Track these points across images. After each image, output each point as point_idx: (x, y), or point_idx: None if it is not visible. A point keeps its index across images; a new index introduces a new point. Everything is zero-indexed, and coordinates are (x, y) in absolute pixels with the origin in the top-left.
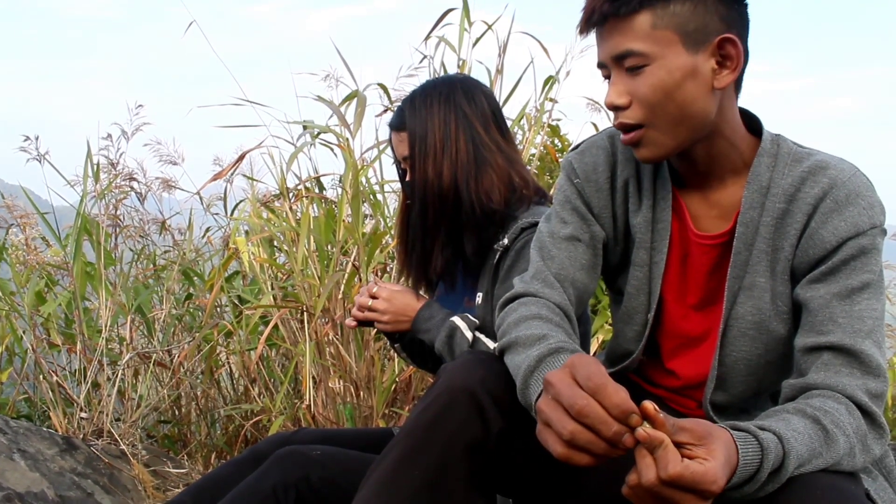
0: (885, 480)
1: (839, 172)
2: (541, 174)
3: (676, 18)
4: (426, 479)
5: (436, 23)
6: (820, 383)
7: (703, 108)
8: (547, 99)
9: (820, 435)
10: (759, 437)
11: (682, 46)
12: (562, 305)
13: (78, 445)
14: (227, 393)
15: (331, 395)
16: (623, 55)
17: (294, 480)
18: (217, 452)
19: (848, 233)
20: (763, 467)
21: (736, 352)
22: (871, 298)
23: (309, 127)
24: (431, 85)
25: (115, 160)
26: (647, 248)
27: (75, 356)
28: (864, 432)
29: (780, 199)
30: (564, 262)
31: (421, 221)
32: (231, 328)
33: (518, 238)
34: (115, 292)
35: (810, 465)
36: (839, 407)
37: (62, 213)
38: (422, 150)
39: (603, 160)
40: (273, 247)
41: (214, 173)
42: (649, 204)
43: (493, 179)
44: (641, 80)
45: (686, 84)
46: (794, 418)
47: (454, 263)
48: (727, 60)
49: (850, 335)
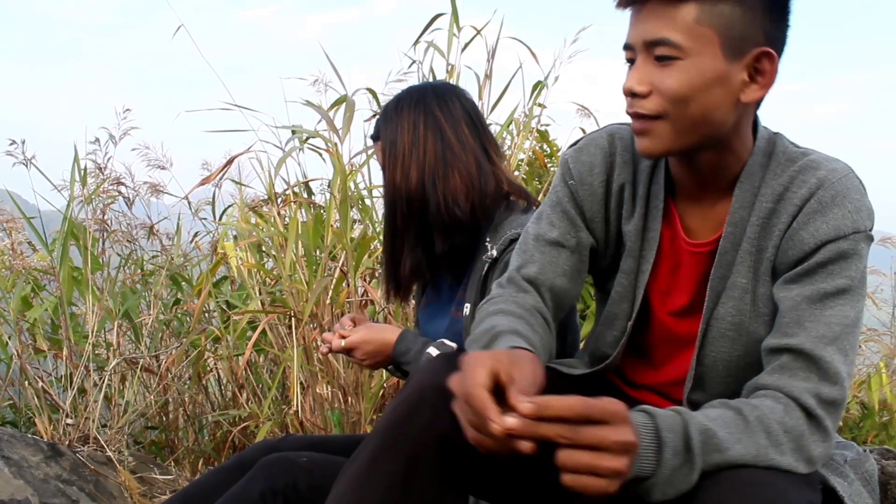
0: (864, 486)
1: (829, 173)
2: (529, 179)
3: (722, 19)
4: (398, 473)
5: (425, 28)
6: (769, 384)
7: (722, 117)
8: (535, 104)
9: (738, 423)
10: (647, 408)
11: (721, 49)
12: (535, 305)
13: (63, 452)
14: (215, 399)
15: (319, 400)
16: (657, 42)
17: (281, 487)
18: (205, 459)
19: (828, 235)
20: (662, 433)
21: (715, 352)
22: (846, 305)
23: (297, 132)
24: (405, 93)
25: (103, 164)
26: (636, 257)
27: (61, 362)
28: (801, 433)
29: (769, 198)
30: (545, 267)
31: (390, 223)
32: (219, 334)
33: (507, 250)
34: (102, 297)
35: (730, 451)
36: (775, 406)
37: (49, 217)
38: (391, 154)
39: (600, 161)
40: (261, 252)
41: (203, 178)
42: (642, 212)
43: (459, 182)
44: (670, 72)
45: (714, 89)
46: (712, 408)
47: (428, 266)
48: (759, 75)
49: (813, 340)
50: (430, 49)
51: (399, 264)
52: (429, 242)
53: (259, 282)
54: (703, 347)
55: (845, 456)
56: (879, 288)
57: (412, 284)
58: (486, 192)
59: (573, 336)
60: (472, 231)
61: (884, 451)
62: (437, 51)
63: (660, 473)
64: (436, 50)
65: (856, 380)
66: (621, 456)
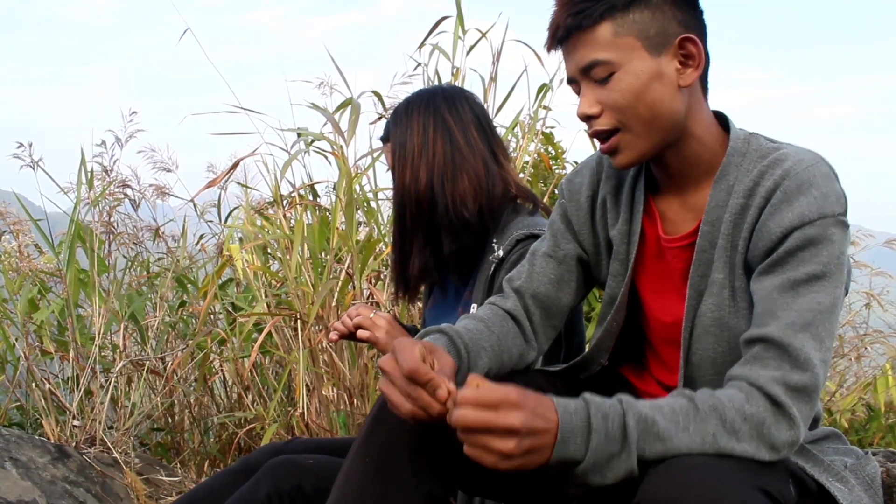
0: (865, 490)
1: (795, 164)
2: (534, 182)
3: (637, 25)
4: (375, 465)
5: (430, 30)
6: (738, 374)
7: (671, 107)
8: (541, 107)
9: (688, 411)
10: (586, 396)
11: (645, 51)
12: (511, 310)
13: (70, 453)
14: (221, 401)
15: (324, 402)
16: (590, 66)
17: (288, 489)
18: (210, 460)
19: (793, 223)
20: (592, 420)
21: (701, 350)
22: (820, 291)
23: (303, 134)
24: (415, 96)
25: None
26: (623, 259)
27: (68, 364)
28: (762, 420)
29: (740, 194)
30: (531, 276)
31: (399, 224)
32: (225, 336)
33: (513, 250)
34: (108, 299)
35: (674, 440)
36: (736, 394)
37: (55, 219)
38: (401, 156)
39: (587, 181)
40: (267, 254)
41: (208, 180)
42: (626, 216)
43: (467, 185)
44: (611, 87)
45: (653, 85)
46: (668, 398)
47: (436, 266)
48: (689, 59)
49: (783, 328)
50: (436, 52)
51: (407, 265)
52: (437, 243)
53: (265, 284)
54: (690, 346)
55: (845, 462)
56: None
57: (420, 285)
58: (493, 195)
59: (579, 338)
60: (480, 232)
61: (889, 453)
62: (443, 53)
63: (589, 458)
64: (441, 53)
65: (862, 382)
66: (507, 438)
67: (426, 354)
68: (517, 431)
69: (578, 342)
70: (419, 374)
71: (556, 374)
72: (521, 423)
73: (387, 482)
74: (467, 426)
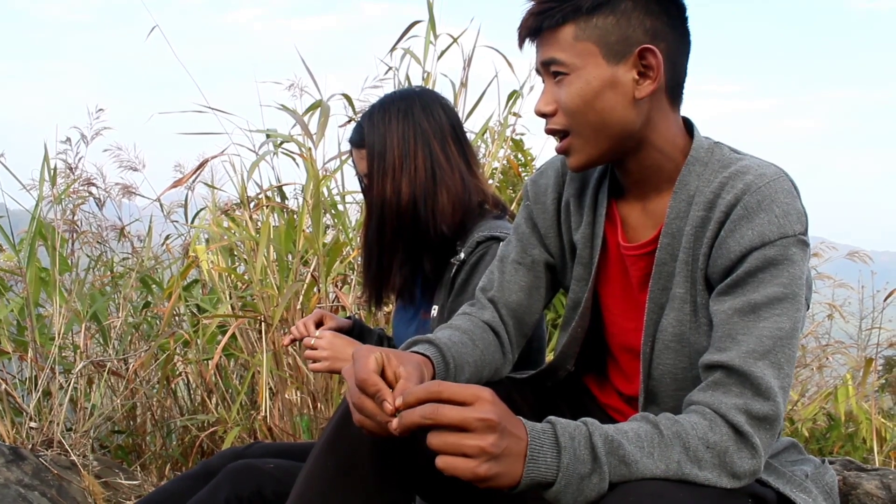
0: (825, 500)
1: (757, 178)
2: (503, 188)
3: (598, 31)
4: (338, 472)
5: (401, 35)
6: (700, 400)
7: (622, 117)
8: (511, 113)
9: (653, 437)
10: (551, 417)
11: (602, 58)
12: (489, 322)
13: (25, 456)
14: (184, 403)
15: (287, 406)
16: (548, 62)
17: (247, 494)
18: (172, 464)
19: (753, 243)
20: (560, 439)
21: (662, 365)
22: (781, 315)
23: (272, 136)
24: (390, 100)
25: (74, 164)
26: (586, 263)
27: (26, 364)
28: (725, 448)
29: (701, 206)
30: (503, 285)
31: (378, 238)
32: (188, 338)
33: (474, 252)
34: (69, 299)
35: (638, 465)
36: (700, 421)
37: (17, 217)
38: (380, 167)
39: (553, 181)
40: (233, 256)
41: (175, 180)
42: (589, 220)
43: (446, 200)
44: (563, 88)
45: (605, 94)
46: (630, 422)
47: (413, 280)
48: (649, 70)
49: (743, 356)
50: (407, 56)
51: (386, 279)
52: (417, 258)
53: (230, 286)
54: (651, 360)
55: (806, 471)
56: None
57: (399, 297)
58: (470, 208)
59: (538, 343)
60: (452, 242)
61: (846, 462)
62: (414, 58)
63: (561, 479)
64: (412, 57)
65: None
66: (485, 434)
67: (385, 363)
68: (495, 426)
69: (537, 346)
70: (367, 384)
71: (525, 382)
72: (498, 417)
73: (348, 489)
74: (440, 423)
